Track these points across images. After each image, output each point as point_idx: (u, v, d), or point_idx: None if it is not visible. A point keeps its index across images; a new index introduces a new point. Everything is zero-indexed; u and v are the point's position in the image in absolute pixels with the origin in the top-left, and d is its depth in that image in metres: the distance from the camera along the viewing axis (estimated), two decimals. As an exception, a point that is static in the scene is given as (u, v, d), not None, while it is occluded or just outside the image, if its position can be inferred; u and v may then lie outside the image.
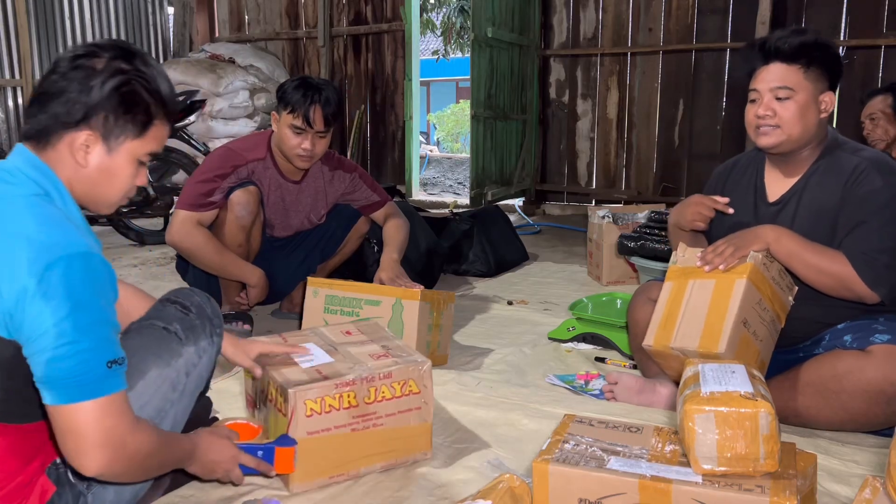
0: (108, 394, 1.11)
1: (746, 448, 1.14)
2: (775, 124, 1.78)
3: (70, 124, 1.20)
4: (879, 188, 1.72)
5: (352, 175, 2.71)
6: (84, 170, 1.22)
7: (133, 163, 1.26)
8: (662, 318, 1.76)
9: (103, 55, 1.21)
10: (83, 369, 1.09)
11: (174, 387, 1.34)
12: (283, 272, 2.73)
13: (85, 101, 1.19)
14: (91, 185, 1.24)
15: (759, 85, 1.80)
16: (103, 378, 1.11)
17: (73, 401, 1.09)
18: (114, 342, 1.14)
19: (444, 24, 20.32)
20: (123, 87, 1.21)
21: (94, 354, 1.10)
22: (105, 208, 1.30)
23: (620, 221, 3.48)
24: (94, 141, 1.21)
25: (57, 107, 1.19)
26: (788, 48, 1.76)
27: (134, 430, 1.15)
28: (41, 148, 1.21)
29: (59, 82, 1.20)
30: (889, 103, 3.25)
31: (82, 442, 1.10)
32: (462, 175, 10.65)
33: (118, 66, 1.21)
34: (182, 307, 1.39)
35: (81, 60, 1.20)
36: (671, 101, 5.61)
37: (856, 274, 1.69)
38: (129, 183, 1.28)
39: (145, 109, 1.24)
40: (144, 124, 1.24)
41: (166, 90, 1.28)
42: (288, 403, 1.47)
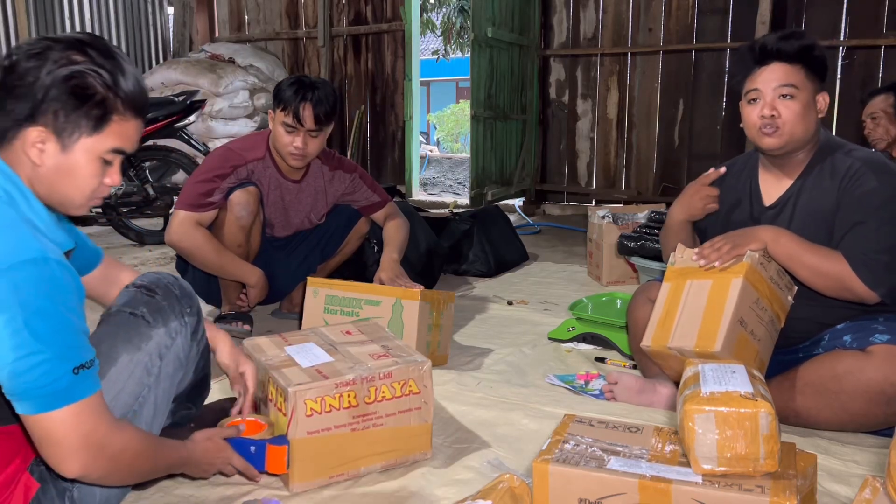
0: (79, 399, 1.08)
1: (746, 448, 1.14)
2: (779, 125, 1.78)
3: (21, 121, 1.13)
4: (875, 188, 1.72)
5: (352, 175, 2.71)
6: (40, 168, 1.16)
7: (94, 161, 1.18)
8: (660, 319, 1.77)
9: (57, 47, 1.14)
10: (49, 379, 1.06)
11: (148, 371, 1.32)
12: (284, 272, 2.73)
13: (30, 94, 1.12)
14: (50, 184, 1.17)
15: (762, 85, 1.79)
16: (72, 385, 1.08)
17: (44, 410, 1.07)
18: (78, 346, 1.10)
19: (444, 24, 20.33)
20: (73, 79, 1.13)
21: (59, 362, 1.06)
22: (72, 209, 1.22)
23: (620, 221, 3.48)
24: (46, 138, 1.14)
25: (11, 103, 1.13)
26: (791, 49, 1.76)
27: (113, 430, 1.13)
28: (3, 148, 1.15)
29: (10, 78, 1.13)
30: (890, 103, 3.25)
31: (60, 448, 1.08)
32: (462, 175, 10.65)
33: (69, 56, 1.14)
34: (147, 290, 1.36)
35: (36, 53, 1.13)
36: (671, 101, 5.61)
37: (854, 274, 1.69)
38: (92, 183, 1.19)
39: (99, 103, 1.15)
40: (100, 119, 1.16)
41: (128, 83, 1.18)
42: (288, 403, 1.47)
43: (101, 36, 1.25)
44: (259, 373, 1.63)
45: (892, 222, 1.70)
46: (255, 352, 1.67)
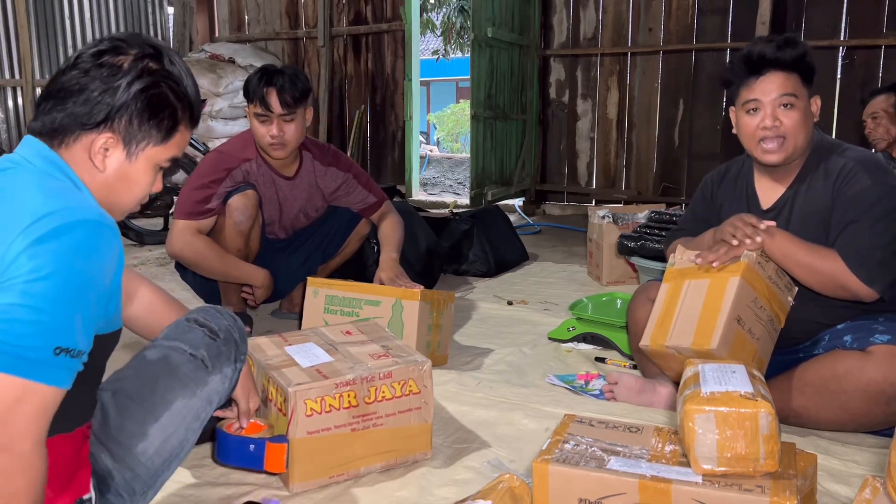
0: (36, 380, 0.96)
1: (746, 448, 1.14)
2: (781, 134, 1.77)
3: (89, 126, 1.11)
4: (868, 187, 1.72)
5: (346, 175, 2.68)
6: (101, 174, 1.14)
7: (153, 169, 1.18)
8: (658, 319, 1.77)
9: (129, 52, 1.13)
10: (27, 342, 0.95)
11: (197, 416, 1.28)
12: (285, 273, 2.72)
13: (109, 102, 1.11)
14: (107, 190, 1.15)
15: (762, 95, 1.77)
16: (43, 362, 0.96)
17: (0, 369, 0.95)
18: (76, 328, 1.00)
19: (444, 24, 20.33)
20: (151, 89, 1.13)
21: (46, 331, 0.96)
22: (118, 215, 1.20)
23: (620, 221, 3.48)
24: (113, 145, 1.13)
25: (76, 106, 1.10)
26: (789, 58, 1.75)
27: (33, 446, 0.97)
28: (55, 147, 1.12)
29: (80, 79, 1.11)
30: (891, 102, 3.24)
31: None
32: (462, 175, 10.65)
33: (146, 65, 1.13)
34: (210, 332, 1.31)
35: (107, 57, 1.12)
36: (671, 101, 5.61)
37: (850, 271, 1.69)
38: (147, 190, 1.20)
39: (172, 114, 1.16)
40: (169, 130, 1.17)
41: (193, 92, 1.19)
42: (288, 403, 1.47)
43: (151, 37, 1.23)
44: (259, 373, 1.63)
45: (886, 219, 1.70)
46: (254, 352, 1.66)
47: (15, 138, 5.96)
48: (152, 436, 1.23)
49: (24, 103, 5.97)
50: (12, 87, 5.97)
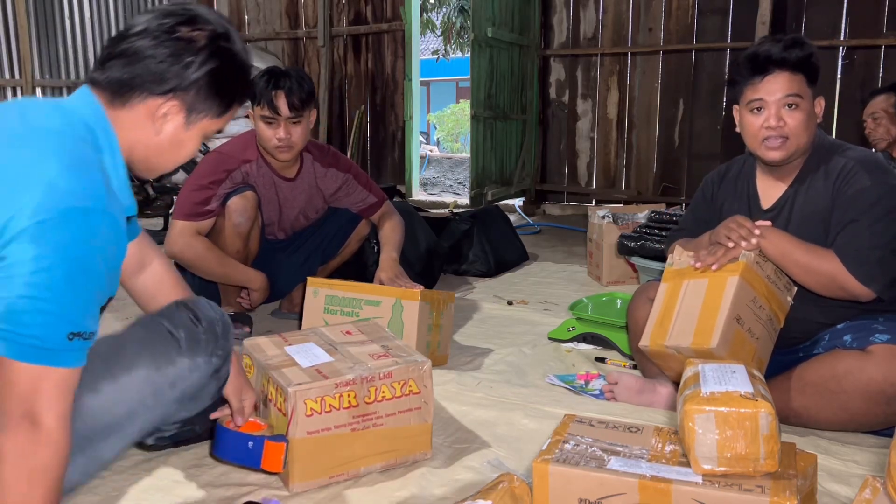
0: (55, 365, 1.02)
1: (746, 448, 1.14)
2: (784, 135, 1.77)
3: (158, 92, 1.18)
4: (868, 187, 1.72)
5: (346, 176, 2.68)
6: (156, 137, 1.21)
7: (200, 138, 1.26)
8: (658, 319, 1.77)
9: (204, 28, 1.19)
10: (41, 332, 1.01)
11: (155, 394, 1.26)
12: (285, 273, 2.72)
13: (180, 74, 1.17)
14: (156, 152, 1.23)
15: (767, 95, 1.76)
16: (59, 349, 1.02)
17: (15, 358, 1.01)
18: (85, 313, 1.05)
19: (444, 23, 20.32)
20: (221, 68, 1.20)
21: (58, 320, 1.01)
22: (153, 174, 1.29)
23: (620, 221, 3.48)
24: (176, 112, 1.20)
25: (145, 70, 1.16)
26: (795, 59, 1.75)
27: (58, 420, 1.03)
28: (114, 104, 1.18)
29: (154, 46, 1.16)
30: (892, 102, 3.24)
31: (8, 400, 1.02)
32: (462, 175, 10.65)
33: (219, 45, 1.20)
34: (194, 317, 1.32)
35: (182, 29, 1.18)
36: (671, 101, 5.61)
37: (847, 271, 1.69)
38: (189, 156, 1.28)
39: (232, 92, 1.24)
40: (227, 106, 1.25)
41: (249, 70, 1.28)
42: (288, 403, 1.47)
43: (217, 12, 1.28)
44: (258, 373, 1.63)
45: (885, 219, 1.70)
46: (254, 352, 1.67)
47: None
48: (103, 393, 1.20)
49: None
50: (12, 87, 5.97)
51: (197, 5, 1.29)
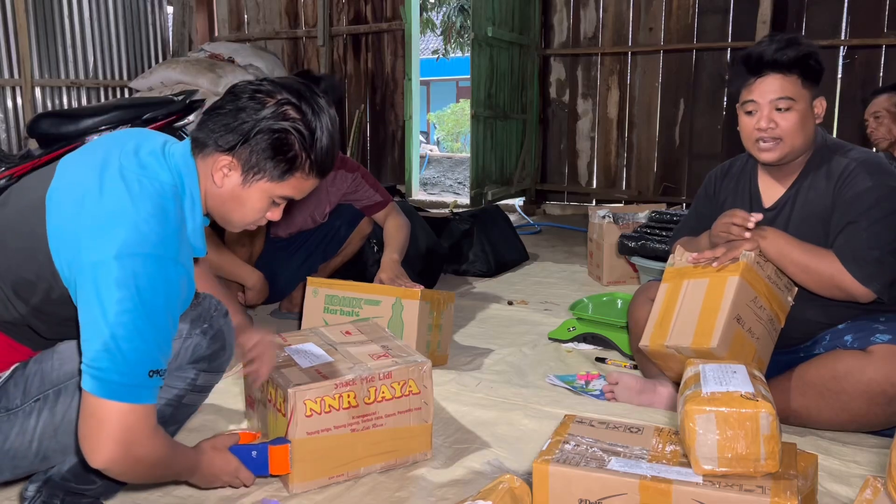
0: (138, 402, 1.14)
1: (747, 448, 1.14)
2: (777, 136, 1.76)
3: (222, 147, 1.26)
4: (868, 188, 1.72)
5: (354, 175, 2.70)
6: (217, 189, 1.29)
7: (265, 200, 1.30)
8: (658, 319, 1.77)
9: (278, 95, 1.26)
10: (127, 370, 1.12)
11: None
12: (286, 272, 2.72)
13: (240, 133, 1.24)
14: (220, 203, 1.31)
15: (759, 97, 1.77)
16: (141, 386, 1.13)
17: (106, 397, 1.12)
18: (163, 352, 1.17)
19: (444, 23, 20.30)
20: (278, 133, 1.25)
21: (143, 361, 1.13)
22: (229, 228, 1.37)
23: (621, 221, 3.47)
24: (234, 168, 1.27)
25: (217, 126, 1.26)
26: (787, 60, 1.74)
27: (151, 437, 1.17)
28: (194, 152, 1.28)
29: (231, 105, 1.26)
30: (893, 102, 3.24)
31: (99, 433, 1.13)
32: (462, 175, 10.64)
33: (284, 111, 1.25)
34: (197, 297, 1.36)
35: (260, 95, 1.26)
36: (672, 101, 5.61)
37: (846, 271, 1.68)
38: (257, 216, 1.32)
39: (291, 160, 1.27)
40: (285, 172, 1.28)
41: (323, 146, 1.29)
42: (287, 403, 1.46)
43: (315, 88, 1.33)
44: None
45: (884, 220, 1.70)
46: None
47: (14, 138, 5.95)
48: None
49: (23, 103, 5.96)
50: (11, 88, 5.96)
51: (303, 83, 1.32)
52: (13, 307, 1.24)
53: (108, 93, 6.55)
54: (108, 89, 6.53)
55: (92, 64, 6.42)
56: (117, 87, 6.55)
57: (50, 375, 1.29)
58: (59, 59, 6.20)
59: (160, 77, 6.00)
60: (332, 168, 1.36)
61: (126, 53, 6.68)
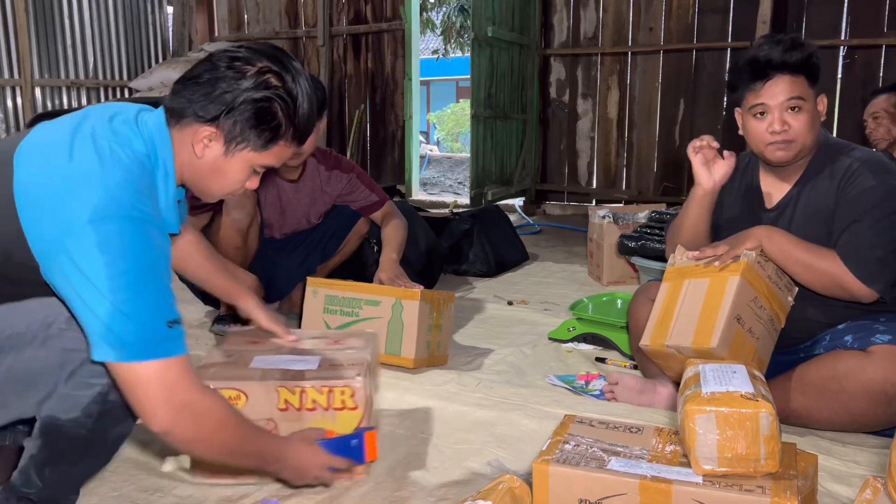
0: (169, 356, 1.11)
1: (747, 448, 1.14)
2: (789, 138, 1.76)
3: (201, 117, 1.23)
4: (872, 187, 1.72)
5: (349, 175, 2.69)
6: (197, 160, 1.26)
7: (246, 170, 1.29)
8: (658, 318, 1.77)
9: (258, 63, 1.23)
10: (145, 327, 1.09)
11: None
12: (284, 273, 2.72)
13: (222, 102, 1.22)
14: (199, 175, 1.29)
15: (769, 100, 1.75)
16: (165, 338, 1.11)
17: (133, 359, 1.09)
18: (169, 303, 1.14)
19: (444, 23, 20.29)
20: (262, 102, 1.23)
21: (154, 313, 1.10)
22: (206, 198, 1.35)
23: (621, 221, 3.47)
24: (215, 139, 1.25)
25: (196, 95, 1.23)
26: (796, 61, 1.74)
27: (198, 392, 1.15)
28: (170, 123, 1.25)
29: (209, 74, 1.23)
30: (892, 102, 3.24)
31: (146, 401, 1.11)
32: (462, 175, 10.64)
33: (266, 79, 1.24)
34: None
35: (238, 63, 1.23)
36: (672, 101, 5.61)
37: (848, 271, 1.68)
38: (236, 186, 1.31)
39: (274, 128, 1.26)
40: (269, 141, 1.27)
41: (304, 114, 1.28)
42: (356, 396, 1.46)
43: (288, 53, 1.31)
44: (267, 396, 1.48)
45: (887, 220, 1.70)
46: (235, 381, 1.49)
47: (15, 138, 5.96)
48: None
49: (23, 103, 5.96)
50: (11, 87, 5.96)
51: (273, 46, 1.30)
52: None
53: (108, 93, 6.55)
54: (108, 89, 6.53)
55: (92, 64, 6.42)
56: (117, 87, 6.55)
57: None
58: (59, 59, 6.21)
59: (160, 77, 6.01)
60: (311, 134, 1.34)
61: (126, 53, 6.68)
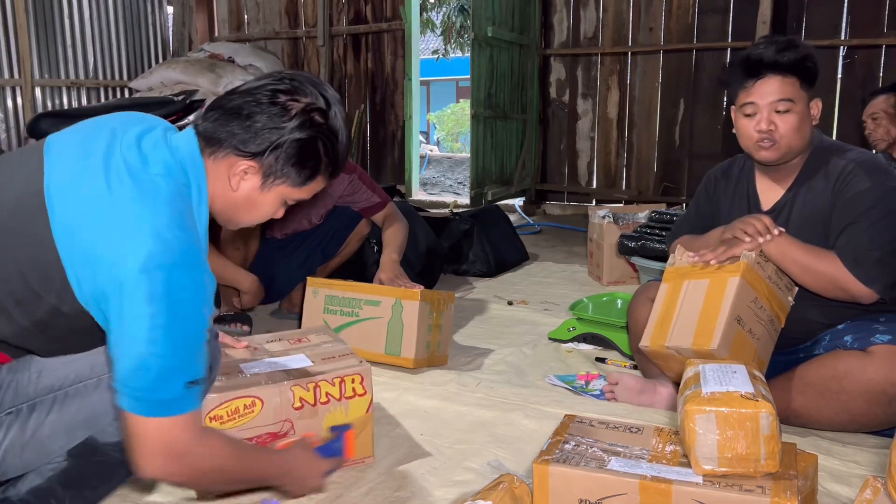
0: (178, 414, 1.11)
1: (747, 448, 1.14)
2: (776, 139, 1.77)
3: (241, 151, 1.21)
4: (867, 188, 1.72)
5: (351, 176, 2.69)
6: (231, 193, 1.24)
7: (278, 203, 1.28)
8: (658, 319, 1.77)
9: (302, 99, 1.22)
10: (162, 386, 1.08)
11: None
12: (284, 273, 2.72)
13: (265, 139, 1.20)
14: (231, 207, 1.27)
15: (758, 99, 1.77)
16: (179, 398, 1.10)
17: (141, 413, 1.09)
18: (199, 361, 1.14)
19: (444, 23, 20.29)
20: (306, 141, 1.22)
21: (177, 373, 1.10)
22: (232, 226, 1.33)
23: (621, 221, 3.47)
24: (253, 173, 1.23)
25: (238, 128, 1.20)
26: (787, 62, 1.74)
27: (197, 442, 1.14)
28: (205, 152, 1.22)
29: (252, 107, 1.20)
30: (892, 103, 3.23)
31: (143, 449, 1.11)
32: (462, 175, 10.63)
33: (312, 118, 1.22)
34: None
35: (282, 97, 1.21)
36: (672, 101, 5.60)
37: (847, 272, 1.68)
38: (266, 217, 1.30)
39: (315, 166, 1.25)
40: (308, 178, 1.26)
41: (343, 149, 1.28)
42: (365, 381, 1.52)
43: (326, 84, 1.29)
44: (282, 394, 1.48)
45: (885, 220, 1.70)
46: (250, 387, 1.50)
47: (14, 138, 5.95)
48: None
49: (23, 103, 5.96)
50: (11, 87, 5.96)
51: (310, 77, 1.28)
52: (13, 319, 1.15)
53: (108, 93, 6.55)
54: (108, 89, 6.53)
55: (92, 64, 6.41)
56: (117, 87, 6.55)
57: (26, 388, 1.21)
58: (59, 59, 6.20)
59: (160, 77, 6.00)
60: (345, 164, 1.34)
61: (126, 53, 6.68)
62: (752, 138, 1.80)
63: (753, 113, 1.78)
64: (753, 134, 1.79)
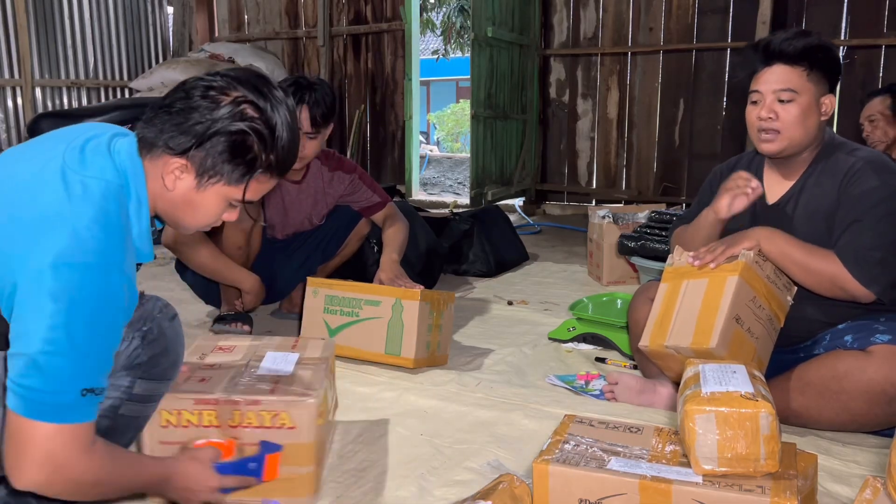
0: (68, 422, 1.04)
1: (747, 448, 1.14)
2: (777, 128, 1.77)
3: (172, 149, 1.17)
4: (874, 187, 1.71)
5: (351, 176, 2.70)
6: (168, 193, 1.20)
7: (221, 203, 1.23)
8: (657, 319, 1.77)
9: (233, 92, 1.18)
10: (54, 388, 1.02)
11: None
12: (284, 273, 2.72)
13: (193, 135, 1.16)
14: (172, 207, 1.23)
15: (762, 86, 1.78)
16: (71, 405, 1.04)
17: (30, 416, 1.02)
18: (100, 369, 1.08)
19: (444, 23, 20.29)
20: (236, 135, 1.17)
21: (73, 377, 1.03)
22: (181, 230, 1.29)
23: (621, 221, 3.47)
24: (187, 172, 1.19)
25: (169, 126, 1.17)
26: (793, 50, 1.74)
27: (84, 457, 1.07)
28: (142, 152, 1.19)
29: (182, 103, 1.17)
30: (888, 104, 3.23)
31: (22, 455, 1.04)
32: (462, 175, 10.64)
33: (242, 110, 1.17)
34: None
35: (213, 92, 1.17)
36: (672, 101, 5.61)
37: (847, 272, 1.68)
38: (211, 219, 1.25)
39: (250, 162, 1.20)
40: (244, 175, 1.20)
41: (285, 145, 1.22)
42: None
43: (269, 79, 1.24)
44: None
45: (888, 220, 1.69)
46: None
47: (14, 138, 5.95)
48: None
49: (23, 103, 5.96)
50: (11, 87, 5.96)
51: (259, 74, 1.24)
52: None
53: (108, 93, 6.56)
54: (108, 89, 6.54)
55: (92, 64, 6.42)
56: (117, 87, 6.55)
57: None
58: (59, 59, 6.21)
59: (160, 77, 6.00)
60: (294, 163, 1.29)
61: (126, 53, 6.68)
62: (755, 126, 1.80)
63: (758, 101, 1.79)
64: (755, 121, 1.79)
